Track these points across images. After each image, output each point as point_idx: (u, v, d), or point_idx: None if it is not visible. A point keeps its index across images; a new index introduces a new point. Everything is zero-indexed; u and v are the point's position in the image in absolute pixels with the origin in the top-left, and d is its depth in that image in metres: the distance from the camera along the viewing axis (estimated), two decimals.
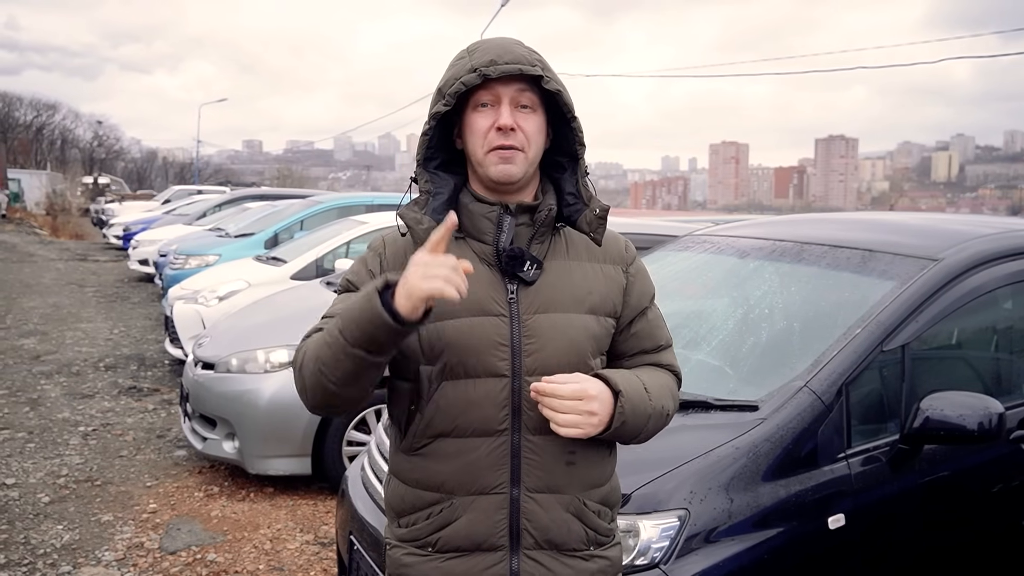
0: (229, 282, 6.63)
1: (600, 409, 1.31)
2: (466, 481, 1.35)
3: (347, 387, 1.27)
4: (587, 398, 1.29)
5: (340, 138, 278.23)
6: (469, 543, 1.35)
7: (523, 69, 1.30)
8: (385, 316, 1.17)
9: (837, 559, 2.05)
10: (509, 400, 1.33)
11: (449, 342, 1.32)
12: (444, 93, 1.32)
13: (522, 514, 1.35)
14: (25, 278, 13.00)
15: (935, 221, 3.03)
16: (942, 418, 2.07)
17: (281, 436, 4.10)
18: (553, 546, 1.37)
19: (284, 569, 3.47)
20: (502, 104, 1.32)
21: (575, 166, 1.41)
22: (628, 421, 1.33)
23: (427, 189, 1.36)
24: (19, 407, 5.72)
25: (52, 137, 65.10)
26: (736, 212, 79.19)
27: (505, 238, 1.35)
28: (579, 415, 1.29)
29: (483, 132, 1.33)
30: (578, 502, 1.38)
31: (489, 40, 1.37)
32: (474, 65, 1.30)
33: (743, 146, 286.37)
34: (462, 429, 1.34)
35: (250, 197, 14.34)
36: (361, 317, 1.19)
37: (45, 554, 3.53)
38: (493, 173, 1.33)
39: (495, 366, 1.33)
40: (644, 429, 1.39)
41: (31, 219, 28.28)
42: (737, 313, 2.73)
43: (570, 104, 1.35)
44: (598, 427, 1.31)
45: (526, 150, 1.33)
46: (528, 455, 1.34)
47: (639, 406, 1.35)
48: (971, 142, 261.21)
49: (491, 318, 1.33)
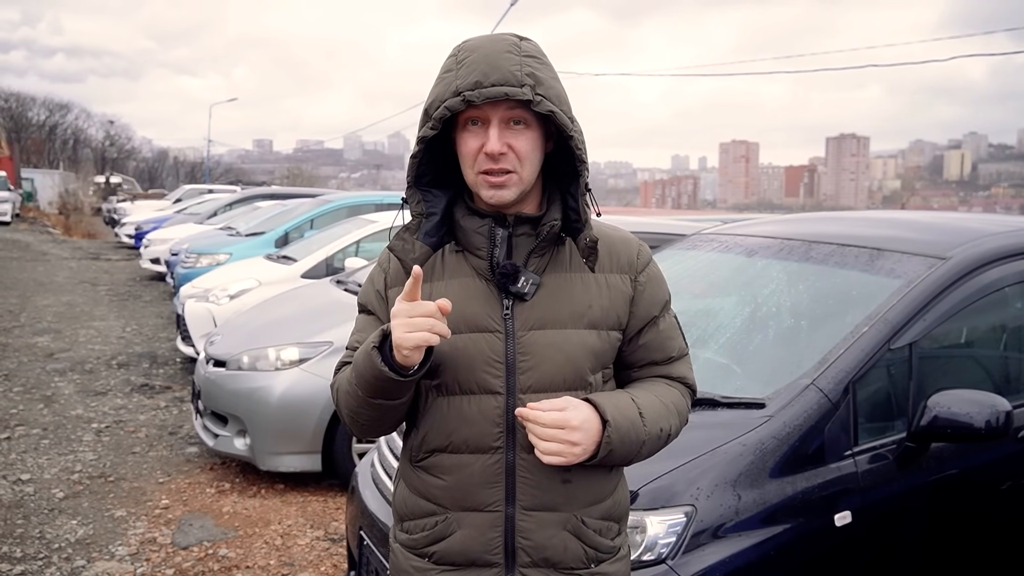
0: (240, 280, 6.68)
1: (583, 439, 1.26)
2: (460, 497, 1.33)
3: (384, 422, 1.35)
4: (568, 428, 1.24)
5: (350, 137, 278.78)
6: (463, 559, 1.34)
7: (510, 93, 1.20)
8: (388, 373, 1.22)
9: (844, 556, 2.06)
10: (504, 418, 1.31)
11: (444, 358, 1.30)
12: (430, 115, 1.25)
13: (517, 532, 1.32)
14: (39, 276, 13.11)
15: (944, 219, 3.03)
16: (950, 416, 2.08)
17: (292, 433, 4.14)
18: (550, 564, 1.34)
19: (295, 564, 3.50)
20: (491, 126, 1.25)
21: (580, 176, 1.32)
22: (616, 450, 1.29)
23: (419, 211, 1.32)
24: (33, 404, 5.79)
25: (65, 137, 65.56)
26: (746, 211, 78.85)
27: (499, 252, 1.31)
28: (561, 444, 1.25)
29: (473, 154, 1.27)
30: (576, 520, 1.34)
31: (479, 46, 1.26)
32: (459, 87, 1.22)
33: (753, 145, 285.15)
34: (456, 445, 1.33)
35: (260, 196, 14.40)
36: (368, 374, 1.25)
37: (60, 548, 3.57)
38: (485, 198, 1.29)
39: (489, 383, 1.30)
40: (637, 455, 1.35)
41: (44, 218, 28.51)
42: (745, 311, 2.74)
43: (566, 124, 1.25)
44: (581, 456, 1.27)
45: (518, 171, 1.27)
46: (523, 473, 1.31)
47: (629, 434, 1.30)
48: (984, 140, 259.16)
49: (486, 334, 1.30)
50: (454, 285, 1.33)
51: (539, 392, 1.31)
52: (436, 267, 1.36)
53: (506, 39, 1.28)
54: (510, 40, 1.27)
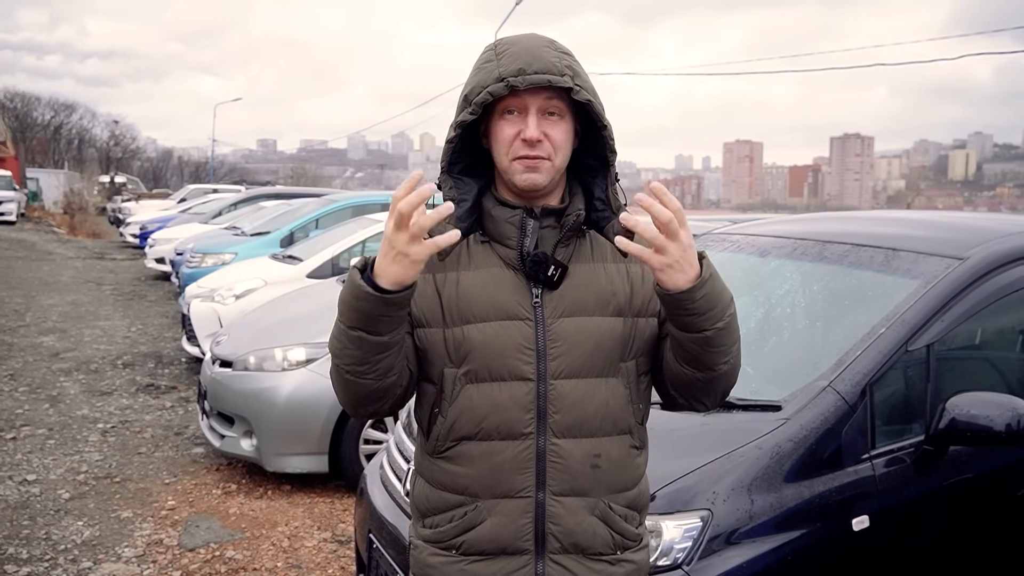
0: (245, 280, 6.67)
1: (691, 247, 1.20)
2: (491, 484, 1.34)
3: (364, 375, 1.27)
4: (685, 226, 1.19)
5: (354, 137, 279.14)
6: (494, 547, 1.35)
7: (552, 80, 1.26)
8: (367, 288, 1.19)
9: (861, 561, 2.03)
10: (535, 403, 1.32)
11: (474, 346, 1.32)
12: (470, 101, 1.29)
13: (548, 518, 1.34)
14: (44, 276, 13.12)
15: (959, 219, 2.99)
16: (968, 419, 2.05)
17: (298, 434, 4.12)
18: (579, 550, 1.35)
19: (302, 567, 3.48)
20: (529, 114, 1.29)
21: (605, 170, 1.37)
22: (712, 288, 1.23)
23: (452, 196, 1.35)
24: (39, 404, 5.78)
25: (70, 137, 65.70)
26: (750, 211, 78.76)
27: (529, 242, 1.34)
28: (683, 232, 1.18)
29: (508, 141, 1.30)
30: (604, 505, 1.37)
31: (518, 40, 1.32)
32: (502, 73, 1.26)
33: (757, 145, 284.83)
34: (487, 432, 1.34)
35: (265, 196, 14.40)
36: (349, 296, 1.22)
37: (66, 550, 3.56)
38: (519, 181, 1.32)
39: (520, 369, 1.32)
40: (723, 319, 1.26)
41: (49, 218, 28.55)
42: (758, 312, 2.71)
43: (601, 113, 1.31)
44: (690, 265, 1.20)
45: (552, 159, 1.31)
46: (553, 459, 1.33)
47: (721, 287, 1.26)
48: (989, 140, 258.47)
49: (516, 322, 1.33)
50: (482, 275, 1.36)
51: (570, 378, 1.33)
52: (462, 257, 1.37)
53: (541, 37, 1.34)
54: (545, 39, 1.34)
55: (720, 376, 1.34)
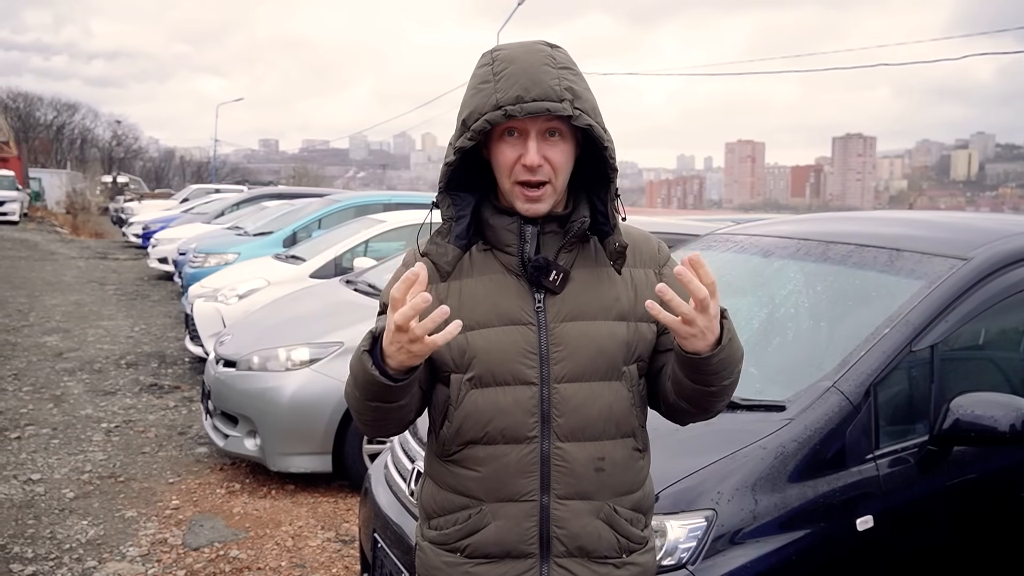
0: (248, 280, 6.67)
1: (716, 316, 1.22)
2: (495, 488, 1.35)
3: (388, 423, 1.36)
4: (715, 297, 1.20)
5: (355, 137, 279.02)
6: (499, 550, 1.35)
7: (551, 109, 1.24)
8: (380, 378, 1.23)
9: (865, 561, 2.03)
10: (539, 407, 1.33)
11: (478, 351, 1.33)
12: (468, 126, 1.28)
13: (552, 521, 1.34)
14: (47, 276, 13.15)
15: (963, 219, 2.99)
16: (973, 419, 2.05)
17: (302, 434, 4.13)
18: (584, 553, 1.35)
19: (306, 566, 3.49)
20: (529, 138, 1.28)
21: (607, 182, 1.35)
22: (732, 344, 1.25)
23: (450, 215, 1.36)
24: (43, 403, 5.79)
25: (72, 137, 65.78)
26: (752, 211, 78.59)
27: (528, 247, 1.34)
28: (712, 304, 1.19)
29: (509, 165, 1.30)
30: (609, 508, 1.37)
31: (516, 56, 1.28)
32: (499, 100, 1.25)
33: (759, 145, 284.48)
34: (492, 436, 1.34)
35: (267, 196, 14.42)
36: (362, 378, 1.26)
37: (71, 549, 3.57)
38: (520, 209, 1.33)
39: (524, 374, 1.33)
40: (736, 369, 1.30)
41: (52, 218, 28.59)
42: (762, 313, 2.71)
43: (602, 136, 1.30)
44: (711, 333, 1.22)
45: (553, 181, 1.31)
46: (558, 462, 1.34)
47: (736, 341, 1.28)
48: (991, 140, 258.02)
49: (519, 327, 1.34)
50: (485, 281, 1.36)
51: (573, 381, 1.34)
52: (465, 265, 1.38)
53: (540, 49, 1.31)
54: (544, 51, 1.30)
55: (713, 412, 1.41)
